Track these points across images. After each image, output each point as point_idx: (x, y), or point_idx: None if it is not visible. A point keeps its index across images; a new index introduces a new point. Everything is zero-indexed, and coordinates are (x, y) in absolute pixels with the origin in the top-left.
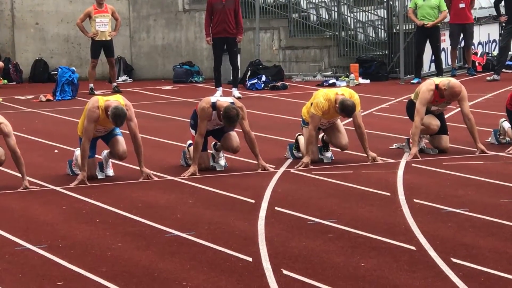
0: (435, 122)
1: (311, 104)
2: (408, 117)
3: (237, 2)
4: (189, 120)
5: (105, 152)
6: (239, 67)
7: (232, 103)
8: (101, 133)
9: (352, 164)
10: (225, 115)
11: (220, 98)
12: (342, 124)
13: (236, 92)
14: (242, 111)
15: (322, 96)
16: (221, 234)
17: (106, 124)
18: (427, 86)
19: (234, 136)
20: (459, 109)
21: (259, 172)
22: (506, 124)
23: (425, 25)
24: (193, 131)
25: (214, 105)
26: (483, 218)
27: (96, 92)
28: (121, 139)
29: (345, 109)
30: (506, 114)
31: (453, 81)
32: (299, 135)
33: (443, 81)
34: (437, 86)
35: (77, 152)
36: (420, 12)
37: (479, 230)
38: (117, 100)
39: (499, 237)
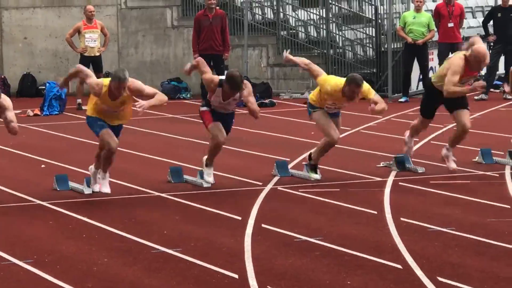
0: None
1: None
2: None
3: (224, 20)
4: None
5: (92, 167)
6: None
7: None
8: (108, 112)
9: (339, 182)
10: (228, 76)
11: None
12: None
13: None
14: (246, 86)
15: (329, 85)
16: (207, 250)
17: (107, 103)
18: (457, 55)
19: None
20: (446, 128)
21: (246, 189)
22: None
23: (415, 42)
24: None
25: (221, 83)
26: (470, 237)
27: (84, 108)
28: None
29: (354, 79)
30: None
31: (476, 46)
32: (310, 154)
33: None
34: (465, 55)
35: (92, 168)
36: (409, 30)
37: (465, 249)
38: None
39: (485, 256)
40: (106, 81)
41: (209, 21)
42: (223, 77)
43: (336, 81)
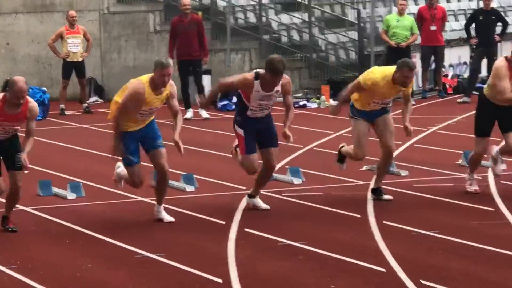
0: None
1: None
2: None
3: (201, 25)
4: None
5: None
6: (209, 88)
7: None
8: (146, 116)
9: (322, 186)
10: (268, 61)
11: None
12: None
13: (204, 113)
14: (290, 84)
15: (377, 74)
16: (191, 255)
17: (153, 102)
18: (497, 61)
19: (276, 151)
20: (427, 132)
21: (229, 194)
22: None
23: (399, 45)
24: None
25: (257, 75)
26: (454, 240)
27: (67, 113)
28: (163, 152)
29: (406, 63)
30: None
31: None
32: (342, 147)
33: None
34: (506, 57)
35: (118, 170)
36: (392, 33)
37: (449, 252)
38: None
39: (469, 259)
40: (143, 78)
41: (184, 26)
42: (257, 70)
43: (381, 70)
